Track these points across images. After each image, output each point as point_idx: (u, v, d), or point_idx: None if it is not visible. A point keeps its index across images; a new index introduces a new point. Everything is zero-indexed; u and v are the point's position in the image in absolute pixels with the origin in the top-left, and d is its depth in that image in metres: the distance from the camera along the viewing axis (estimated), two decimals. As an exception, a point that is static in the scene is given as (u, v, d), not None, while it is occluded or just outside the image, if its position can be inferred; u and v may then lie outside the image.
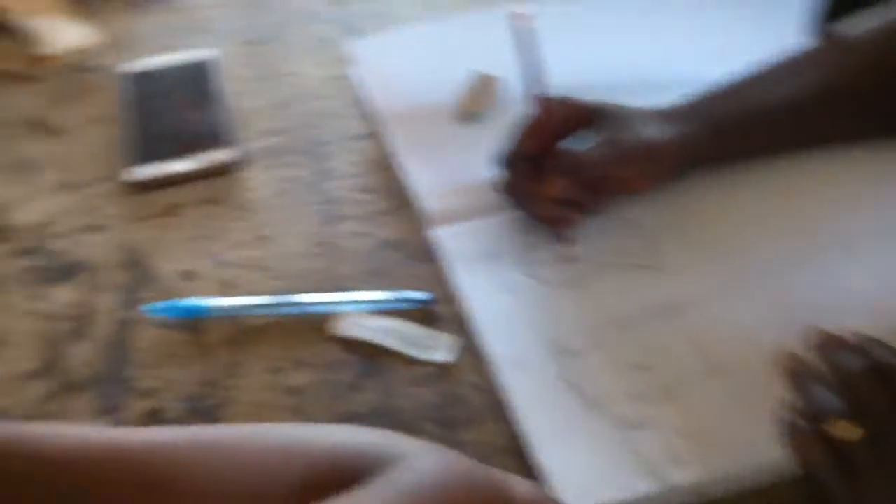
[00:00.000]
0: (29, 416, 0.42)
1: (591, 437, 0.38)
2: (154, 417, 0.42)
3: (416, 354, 0.43)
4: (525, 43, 0.45)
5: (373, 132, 0.57)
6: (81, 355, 0.45)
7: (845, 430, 0.31)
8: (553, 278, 0.46)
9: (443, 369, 0.43)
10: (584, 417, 0.39)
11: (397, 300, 0.45)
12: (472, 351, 0.43)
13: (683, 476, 0.36)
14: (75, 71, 0.64)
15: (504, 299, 0.45)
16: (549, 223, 0.47)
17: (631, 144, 0.47)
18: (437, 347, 0.43)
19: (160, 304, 0.46)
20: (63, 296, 0.48)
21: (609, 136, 0.47)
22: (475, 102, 0.57)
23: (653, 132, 0.47)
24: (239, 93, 0.61)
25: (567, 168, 0.46)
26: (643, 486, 0.36)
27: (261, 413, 0.41)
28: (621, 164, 0.46)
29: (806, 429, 0.33)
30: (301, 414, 0.41)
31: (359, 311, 0.45)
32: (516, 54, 0.46)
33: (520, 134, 0.47)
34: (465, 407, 0.41)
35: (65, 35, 0.63)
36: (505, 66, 0.50)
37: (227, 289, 0.48)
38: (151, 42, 0.66)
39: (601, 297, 0.45)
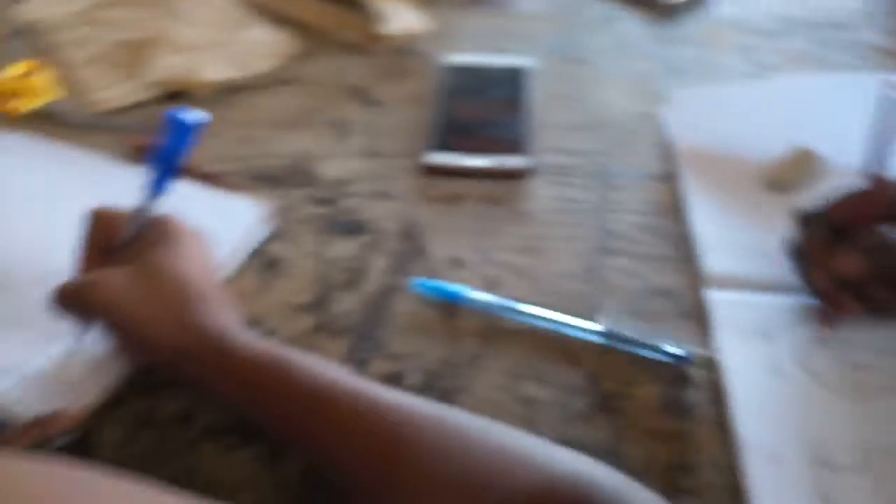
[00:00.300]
0: (291, 344, 0.47)
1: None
2: (393, 380, 0.44)
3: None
4: (885, 113, 0.41)
5: (668, 175, 0.56)
6: (346, 305, 0.49)
7: None
8: (832, 380, 0.42)
9: (683, 431, 0.40)
10: None
11: (654, 348, 0.44)
12: (720, 425, 0.40)
13: None
14: (402, 52, 0.70)
15: (768, 383, 0.42)
16: (826, 300, 0.43)
17: None
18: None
19: (428, 281, 0.49)
20: (344, 248, 0.53)
21: None
22: (788, 172, 0.53)
23: None
24: (545, 106, 0.63)
25: (875, 251, 0.41)
26: None
27: (490, 411, 0.41)
28: None
29: None
30: (528, 426, 0.41)
31: (611, 346, 0.44)
32: (872, 122, 0.42)
33: (836, 199, 0.43)
34: (696, 476, 0.38)
35: (402, 19, 0.69)
36: (825, 138, 0.46)
37: (489, 285, 0.49)
38: (474, 40, 0.70)
39: (886, 417, 0.40)
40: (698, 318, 0.46)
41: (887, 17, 0.73)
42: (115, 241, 0.43)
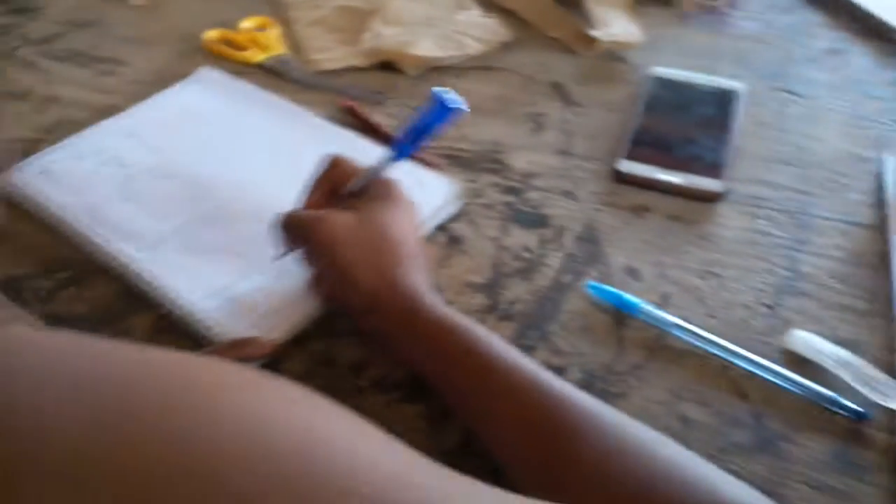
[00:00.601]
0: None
1: None
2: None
3: (867, 393, 0.41)
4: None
5: (875, 225, 0.53)
6: (518, 293, 0.51)
7: None
8: None
9: (853, 493, 0.39)
10: None
11: (831, 400, 0.42)
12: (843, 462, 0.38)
13: None
14: (610, 59, 0.70)
15: None
16: None
17: None
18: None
19: (604, 286, 0.49)
20: (523, 239, 0.55)
21: None
22: None
23: None
24: (749, 133, 0.61)
25: None
26: None
27: (645, 423, 0.42)
28: None
29: None
30: (682, 445, 0.41)
31: (783, 386, 0.43)
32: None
33: None
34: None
35: (617, 27, 0.69)
36: None
37: (661, 301, 0.49)
38: (684, 56, 0.70)
39: None
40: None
41: None
42: (343, 188, 0.48)
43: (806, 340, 0.45)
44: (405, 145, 0.45)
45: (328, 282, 0.45)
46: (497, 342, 0.40)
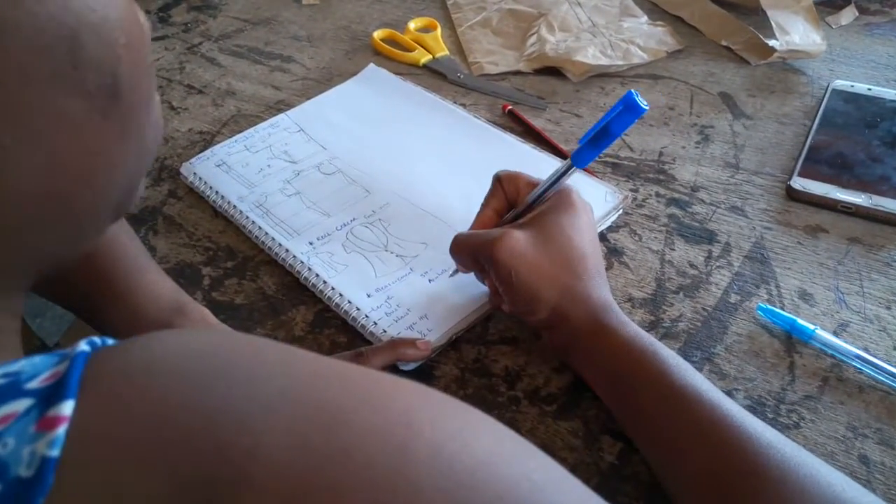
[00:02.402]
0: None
1: None
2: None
3: None
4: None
5: None
6: (682, 310, 0.50)
7: None
8: None
9: None
10: None
11: None
12: None
13: None
14: (785, 69, 0.68)
15: None
16: None
17: None
18: None
19: (778, 311, 0.48)
20: (689, 254, 0.54)
21: None
22: None
23: None
24: (941, 154, 0.58)
25: None
26: None
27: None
28: None
29: None
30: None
31: None
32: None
33: None
34: None
35: (796, 35, 0.66)
36: None
37: (839, 330, 0.47)
38: (869, 67, 0.66)
39: None
40: None
41: None
42: (516, 202, 0.48)
43: None
44: (588, 152, 0.44)
45: (510, 298, 0.45)
46: (687, 369, 0.39)
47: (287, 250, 0.56)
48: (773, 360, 0.46)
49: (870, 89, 0.63)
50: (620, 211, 0.57)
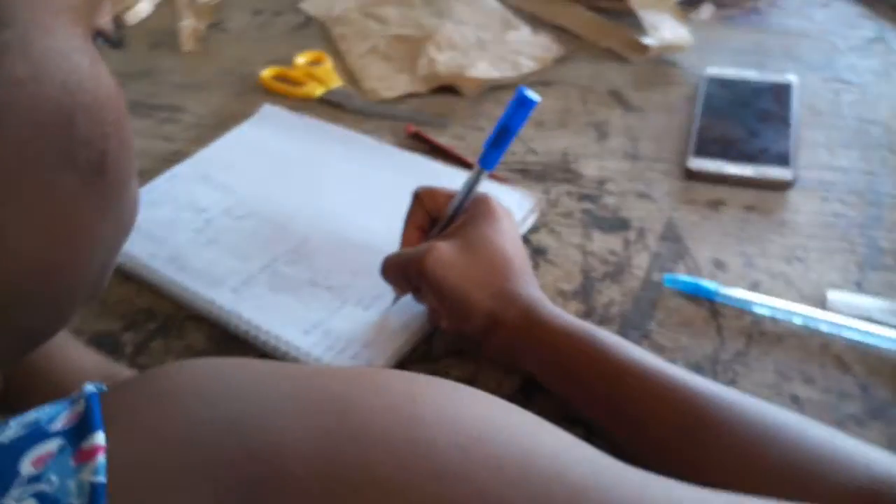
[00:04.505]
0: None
1: None
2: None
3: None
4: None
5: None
6: (612, 296, 0.55)
7: None
8: None
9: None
10: None
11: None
12: None
13: None
14: (663, 63, 0.75)
15: None
16: None
17: None
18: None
19: (681, 278, 0.54)
20: (607, 243, 0.59)
21: None
22: None
23: None
24: (808, 122, 0.66)
25: None
26: None
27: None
28: None
29: None
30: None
31: (868, 343, 0.48)
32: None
33: None
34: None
35: (665, 32, 0.74)
36: None
37: (753, 288, 0.53)
38: (733, 54, 0.75)
39: None
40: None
41: None
42: (437, 216, 0.51)
43: (847, 298, 0.50)
44: (492, 153, 0.48)
45: (445, 310, 0.48)
46: (625, 345, 0.43)
47: (211, 302, 0.55)
48: (702, 327, 0.52)
49: (738, 73, 0.71)
50: (536, 213, 0.61)
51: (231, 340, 0.54)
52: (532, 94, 0.45)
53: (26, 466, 0.21)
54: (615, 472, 0.25)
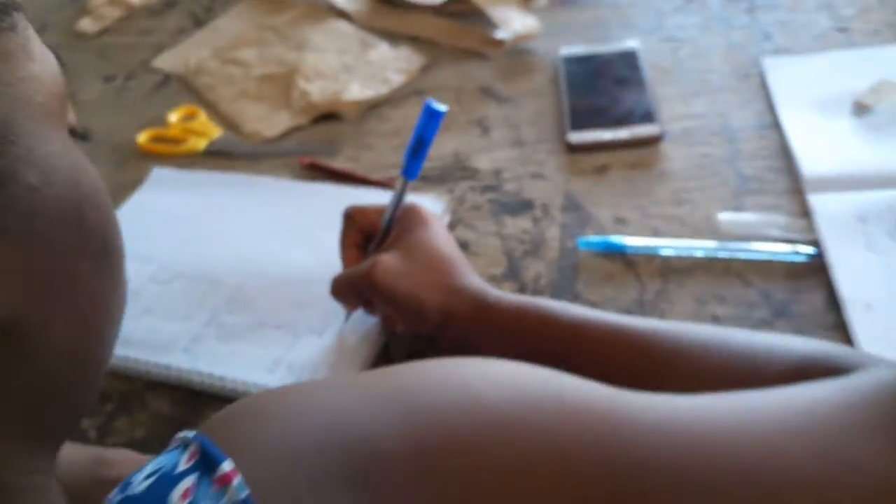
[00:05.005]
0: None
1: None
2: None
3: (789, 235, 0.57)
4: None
5: (775, 123, 0.69)
6: (538, 269, 0.61)
7: None
8: None
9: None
10: None
11: (786, 253, 0.56)
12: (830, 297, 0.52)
13: None
14: (520, 53, 0.83)
15: (864, 255, 0.55)
16: None
17: None
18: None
19: (592, 239, 0.61)
20: (519, 224, 0.65)
21: None
22: (870, 98, 0.66)
23: None
24: (658, 80, 0.75)
25: None
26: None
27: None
28: None
29: None
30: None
31: (759, 258, 0.57)
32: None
33: None
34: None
35: (515, 24, 0.81)
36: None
37: (654, 234, 0.61)
38: (579, 33, 0.83)
39: None
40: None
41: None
42: (371, 232, 0.56)
43: (735, 218, 0.60)
44: (412, 164, 0.53)
45: (400, 315, 0.52)
46: (568, 306, 0.49)
47: (167, 367, 0.57)
48: (622, 278, 0.59)
49: (588, 49, 0.79)
50: (449, 213, 0.67)
51: (196, 397, 0.56)
52: (439, 106, 0.51)
53: (176, 501, 0.24)
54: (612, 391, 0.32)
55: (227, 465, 0.25)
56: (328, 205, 0.67)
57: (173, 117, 0.84)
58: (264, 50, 0.90)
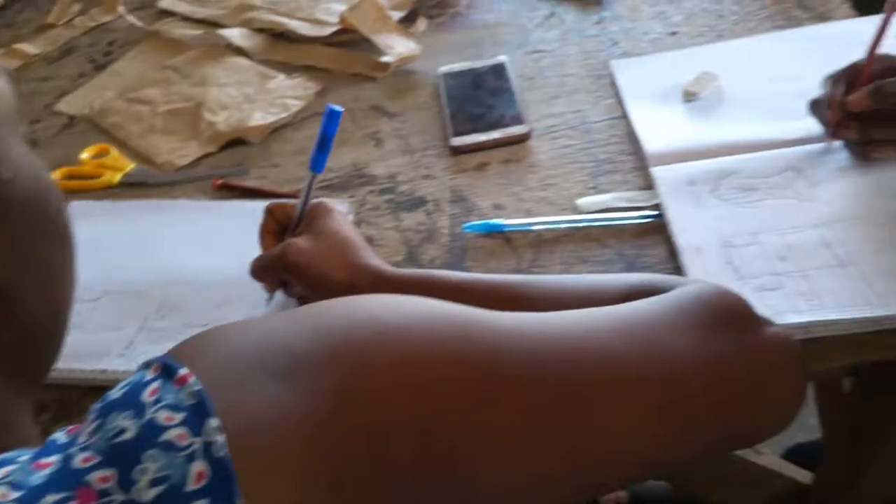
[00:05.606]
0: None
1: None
2: (485, 290, 0.67)
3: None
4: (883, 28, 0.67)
5: (624, 115, 0.82)
6: (433, 253, 0.72)
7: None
8: (732, 199, 0.69)
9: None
10: (736, 284, 0.60)
11: (642, 216, 0.69)
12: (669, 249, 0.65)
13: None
14: (404, 73, 0.94)
15: (695, 211, 0.68)
16: (832, 125, 0.69)
17: None
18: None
19: (475, 223, 0.72)
20: (414, 218, 0.76)
21: None
22: (695, 87, 0.80)
23: None
24: (525, 87, 0.88)
25: (877, 91, 0.66)
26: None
27: (558, 290, 0.66)
28: None
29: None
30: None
31: (623, 224, 0.69)
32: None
33: (846, 67, 0.69)
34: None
35: (398, 48, 0.93)
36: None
37: (527, 215, 0.73)
38: (456, 52, 0.95)
39: (763, 217, 0.67)
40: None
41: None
42: (287, 224, 0.65)
43: (591, 200, 0.73)
44: (318, 158, 0.63)
45: (311, 291, 0.62)
46: (455, 272, 0.60)
47: (104, 371, 0.64)
48: (502, 252, 0.70)
49: (464, 65, 0.92)
50: (352, 214, 0.77)
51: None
52: (337, 107, 0.62)
53: (146, 397, 0.32)
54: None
55: (183, 371, 0.33)
56: (242, 217, 0.76)
57: (85, 155, 0.91)
58: (168, 88, 0.98)
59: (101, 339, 0.67)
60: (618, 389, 0.40)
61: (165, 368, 0.33)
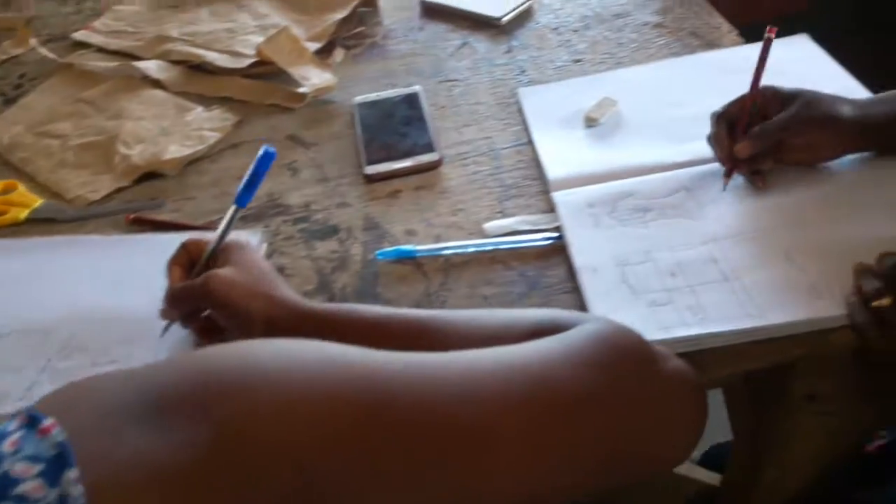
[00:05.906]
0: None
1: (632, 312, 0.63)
2: (395, 315, 0.69)
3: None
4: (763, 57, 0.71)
5: (530, 140, 0.86)
6: (345, 281, 0.74)
7: (881, 302, 0.56)
8: (630, 219, 0.73)
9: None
10: (630, 301, 0.64)
11: (545, 239, 0.72)
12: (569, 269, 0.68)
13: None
14: (320, 103, 0.96)
15: (592, 232, 0.72)
16: (725, 170, 0.74)
17: (821, 114, 0.70)
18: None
19: (387, 249, 0.75)
20: (327, 246, 0.78)
21: (802, 106, 0.70)
22: (596, 113, 0.84)
23: (841, 110, 0.70)
24: (437, 115, 0.91)
25: (759, 134, 0.71)
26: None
27: (465, 308, 0.68)
28: (806, 130, 0.70)
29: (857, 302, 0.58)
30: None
31: (516, 247, 0.72)
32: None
33: (731, 103, 0.74)
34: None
35: (314, 79, 0.95)
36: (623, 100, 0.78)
37: (438, 240, 0.76)
38: (372, 82, 0.98)
39: (656, 236, 0.71)
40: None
41: (655, 2, 1.06)
42: (197, 259, 0.66)
43: (497, 224, 0.76)
44: (244, 195, 0.65)
45: (228, 322, 0.62)
46: (367, 306, 0.61)
47: (3, 417, 0.63)
48: (413, 277, 0.73)
49: (378, 95, 0.94)
50: (265, 244, 0.78)
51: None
52: (271, 148, 0.64)
53: (6, 448, 0.33)
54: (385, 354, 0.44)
55: (47, 421, 0.34)
56: (153, 250, 0.75)
57: (-9, 191, 0.90)
58: (81, 121, 0.99)
59: (4, 379, 0.66)
60: (506, 430, 0.42)
61: (30, 419, 0.34)
